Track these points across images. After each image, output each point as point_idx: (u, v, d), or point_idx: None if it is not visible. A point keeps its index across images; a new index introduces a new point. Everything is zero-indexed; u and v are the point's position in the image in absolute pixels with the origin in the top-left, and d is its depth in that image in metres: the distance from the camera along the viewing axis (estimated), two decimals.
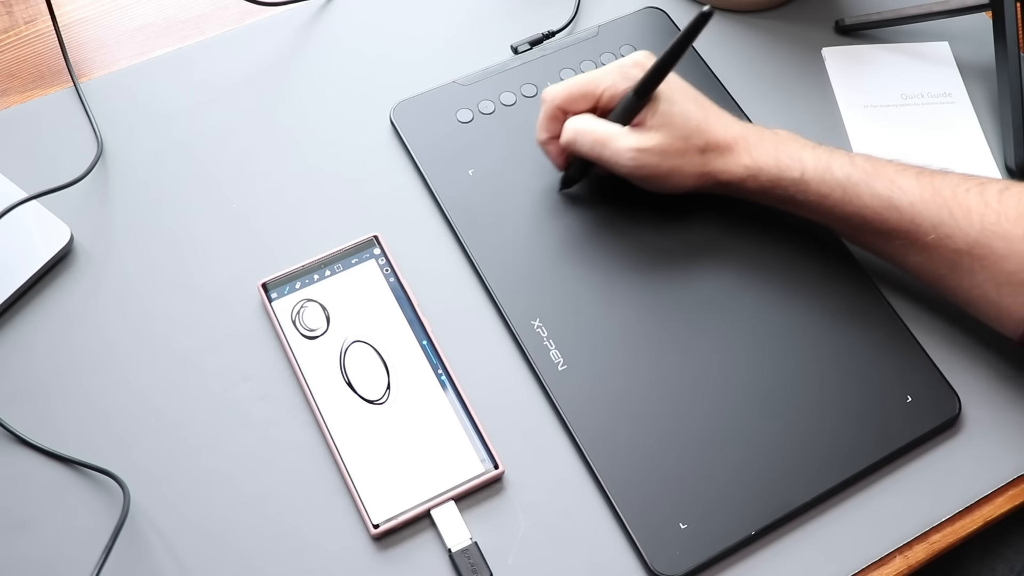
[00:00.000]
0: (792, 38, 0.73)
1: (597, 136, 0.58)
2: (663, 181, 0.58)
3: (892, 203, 0.55)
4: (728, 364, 0.58)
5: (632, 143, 0.57)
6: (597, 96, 0.59)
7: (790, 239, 0.63)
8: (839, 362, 0.59)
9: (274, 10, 0.72)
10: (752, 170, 0.58)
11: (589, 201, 0.64)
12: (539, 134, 0.62)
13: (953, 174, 0.56)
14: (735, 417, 0.56)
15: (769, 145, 0.58)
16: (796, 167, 0.57)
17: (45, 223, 0.61)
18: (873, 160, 0.57)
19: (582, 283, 0.61)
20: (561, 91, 0.60)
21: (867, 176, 0.56)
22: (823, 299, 0.61)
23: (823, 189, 0.57)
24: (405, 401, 0.56)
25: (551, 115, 0.60)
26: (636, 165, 0.57)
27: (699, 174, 0.58)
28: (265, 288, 0.59)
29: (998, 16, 0.67)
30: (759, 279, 0.61)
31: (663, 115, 0.57)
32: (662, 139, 0.57)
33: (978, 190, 0.55)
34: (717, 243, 0.63)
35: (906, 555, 0.54)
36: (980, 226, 0.54)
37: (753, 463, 0.55)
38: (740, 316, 0.60)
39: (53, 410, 0.56)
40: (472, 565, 0.52)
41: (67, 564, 0.52)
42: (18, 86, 0.68)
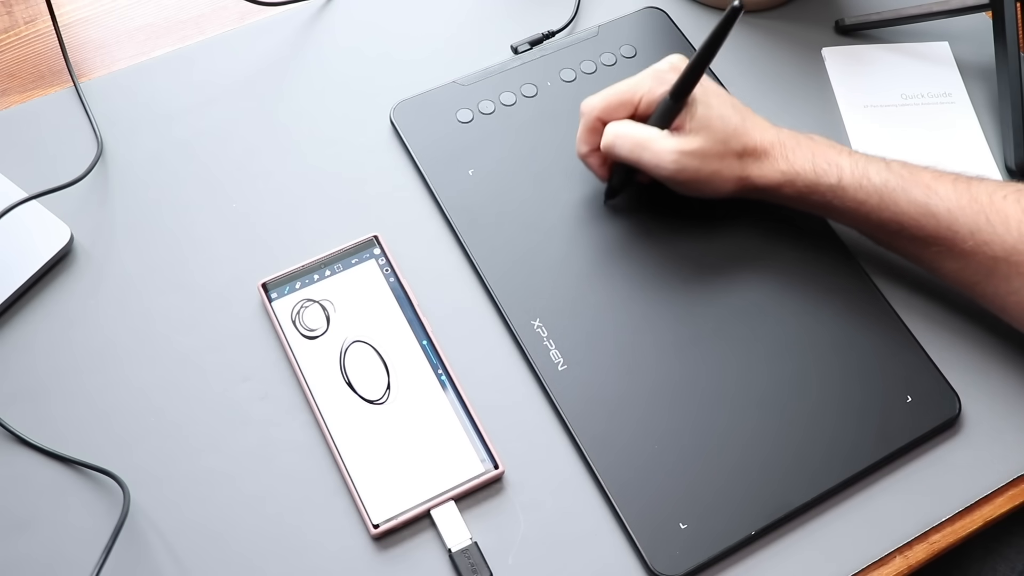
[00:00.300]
0: (792, 38, 0.73)
1: (637, 139, 0.58)
2: (703, 185, 0.58)
3: (929, 209, 0.55)
4: (728, 364, 0.58)
5: (673, 146, 0.57)
6: (635, 103, 0.59)
7: (789, 241, 0.63)
8: (839, 362, 0.59)
9: (274, 10, 0.72)
10: (789, 175, 0.57)
11: (589, 201, 0.64)
12: (579, 147, 0.61)
13: (989, 180, 0.56)
14: (735, 417, 0.56)
15: (806, 150, 0.58)
16: (833, 172, 0.57)
17: (45, 223, 0.61)
18: (910, 166, 0.57)
19: (582, 283, 0.61)
20: (599, 101, 0.59)
21: (904, 182, 0.56)
22: (823, 300, 0.61)
23: (860, 195, 0.57)
24: (405, 401, 0.56)
25: (590, 127, 0.60)
26: (678, 168, 0.57)
27: (737, 178, 0.58)
28: (265, 288, 0.59)
29: (998, 16, 0.67)
30: (758, 280, 0.61)
31: (701, 119, 0.56)
32: (702, 142, 0.57)
33: (1015, 197, 0.55)
34: (716, 245, 0.63)
35: (906, 555, 0.54)
36: (1018, 233, 0.54)
37: (753, 463, 0.55)
38: (740, 316, 0.60)
39: (53, 410, 0.56)
40: (472, 565, 0.52)
41: (67, 564, 0.52)
42: (18, 86, 0.68)
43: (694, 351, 0.58)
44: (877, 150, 0.63)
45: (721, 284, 0.61)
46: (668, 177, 0.58)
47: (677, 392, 0.57)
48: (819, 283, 0.61)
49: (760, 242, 0.63)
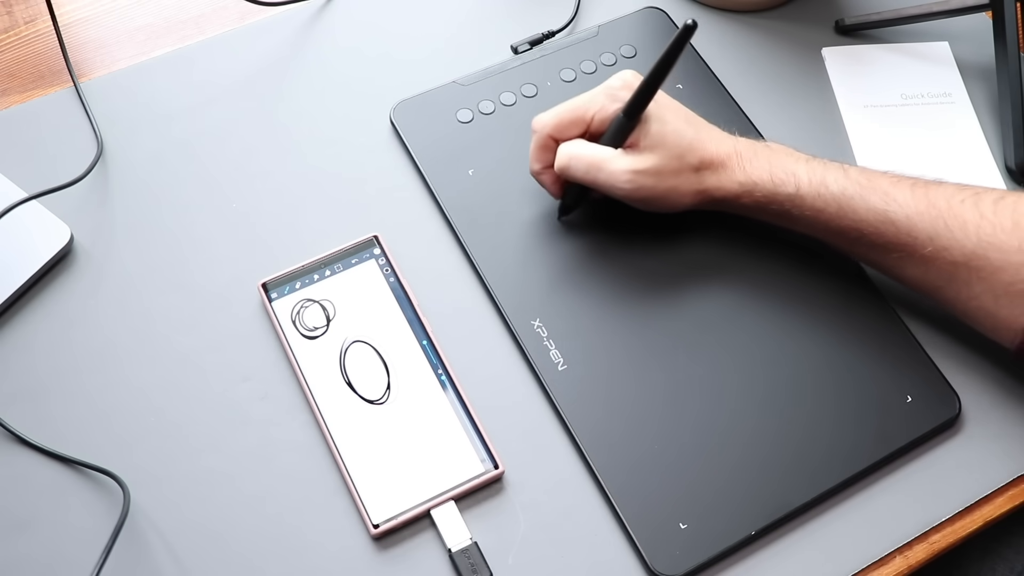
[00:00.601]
0: (792, 38, 0.73)
1: (591, 160, 0.57)
2: (660, 202, 0.58)
3: (888, 216, 0.55)
4: (728, 364, 0.58)
5: (627, 165, 0.57)
6: (587, 121, 0.58)
7: (790, 243, 0.63)
8: (839, 362, 0.59)
9: (274, 10, 0.72)
10: (747, 186, 0.57)
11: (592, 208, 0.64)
12: (532, 164, 0.61)
13: (948, 184, 0.56)
14: (735, 417, 0.56)
15: (763, 160, 0.58)
16: (791, 182, 0.57)
17: (45, 223, 0.61)
18: (868, 172, 0.57)
19: (582, 283, 0.61)
20: (550, 119, 0.59)
21: (862, 189, 0.56)
22: (823, 300, 0.61)
23: (818, 204, 0.56)
24: (405, 401, 0.56)
25: (542, 144, 0.59)
26: (633, 187, 0.57)
27: (695, 192, 0.58)
28: (265, 288, 0.59)
29: (998, 16, 0.67)
30: (760, 281, 0.61)
31: (655, 135, 0.56)
32: (657, 160, 0.56)
33: (973, 201, 0.55)
34: (718, 245, 0.63)
35: (906, 555, 0.54)
36: (976, 238, 0.54)
37: (753, 463, 0.55)
38: (741, 316, 0.60)
39: (53, 410, 0.56)
40: (472, 565, 0.52)
41: (67, 564, 0.52)
42: (18, 86, 0.68)
43: (694, 351, 0.58)
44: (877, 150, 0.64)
45: (721, 283, 0.61)
46: (624, 196, 0.58)
47: (677, 392, 0.57)
48: (819, 283, 0.61)
49: (761, 241, 0.63)
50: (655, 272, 0.61)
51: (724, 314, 0.60)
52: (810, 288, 0.61)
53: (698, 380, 0.58)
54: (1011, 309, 0.53)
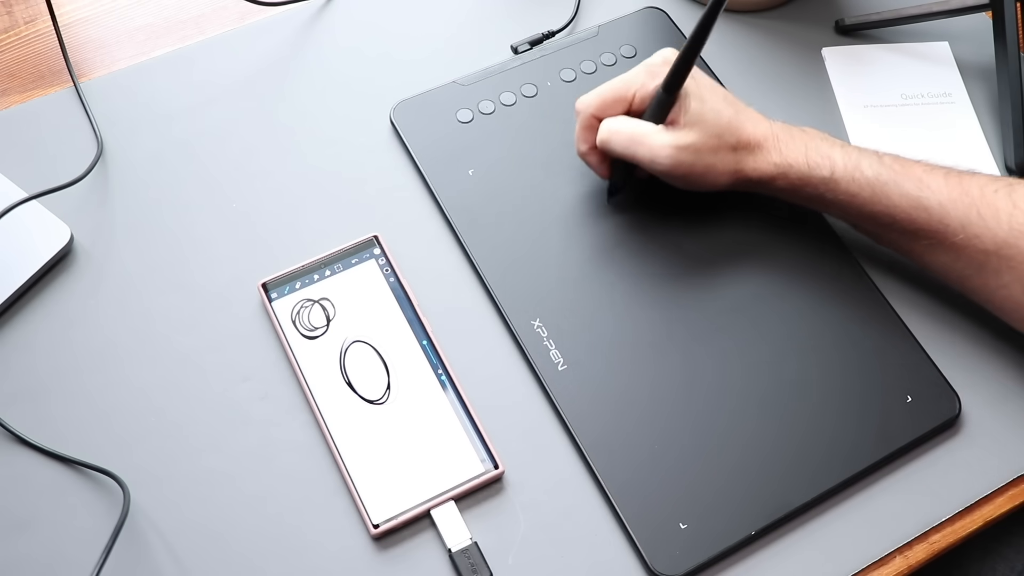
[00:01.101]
0: (792, 38, 0.73)
1: (632, 135, 0.58)
2: (698, 179, 0.58)
3: (921, 203, 0.55)
4: (728, 364, 0.58)
5: (668, 140, 0.57)
6: (629, 99, 0.59)
7: (787, 241, 0.63)
8: (839, 362, 0.59)
9: (274, 10, 0.72)
10: (782, 168, 0.58)
11: (589, 201, 0.64)
12: (578, 145, 0.61)
13: (981, 175, 0.57)
14: (735, 417, 0.56)
15: (799, 143, 0.58)
16: (826, 165, 0.57)
17: (45, 223, 0.61)
18: (902, 159, 0.58)
19: (582, 283, 0.61)
20: (593, 99, 0.59)
21: (896, 175, 0.56)
22: (823, 300, 0.61)
23: (852, 188, 0.57)
24: (405, 401, 0.56)
25: (587, 124, 0.60)
26: (673, 163, 0.57)
27: (732, 171, 0.58)
28: (265, 288, 0.59)
29: (998, 16, 0.67)
30: (757, 280, 0.61)
31: (695, 113, 0.57)
32: (696, 137, 0.57)
33: (1007, 191, 0.55)
34: (717, 247, 0.63)
35: (906, 555, 0.54)
36: (1008, 227, 0.54)
37: (753, 463, 0.55)
38: (740, 316, 0.60)
39: (53, 410, 0.56)
40: (472, 565, 0.52)
41: (67, 564, 0.52)
42: (18, 86, 0.68)
43: (694, 351, 0.58)
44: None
45: (720, 283, 0.61)
46: (664, 172, 0.58)
47: (677, 392, 0.57)
48: (819, 283, 0.61)
49: (758, 242, 0.63)
50: (655, 273, 0.61)
51: (724, 316, 0.60)
52: (810, 289, 0.61)
53: (698, 380, 0.58)
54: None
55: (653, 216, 0.63)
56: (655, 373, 0.58)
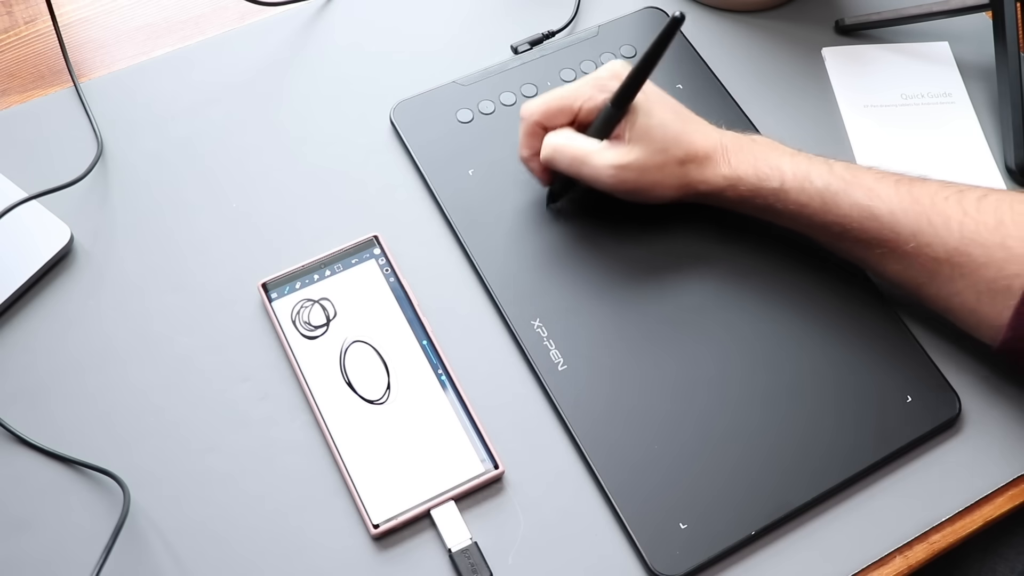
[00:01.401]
0: (792, 38, 0.73)
1: (575, 153, 0.57)
2: (644, 194, 0.58)
3: (871, 212, 0.55)
4: (729, 364, 0.58)
5: (611, 159, 0.57)
6: (575, 111, 0.59)
7: (790, 240, 0.63)
8: (839, 363, 0.59)
9: (274, 10, 0.72)
10: (731, 180, 0.57)
11: (589, 202, 0.64)
12: (520, 151, 0.61)
13: (932, 182, 0.56)
14: (735, 417, 0.56)
15: (748, 154, 0.58)
16: (775, 176, 0.57)
17: (45, 223, 0.61)
18: (852, 168, 0.57)
19: (582, 283, 0.61)
20: (538, 107, 0.59)
21: (846, 185, 0.56)
22: (823, 299, 0.61)
23: (802, 198, 0.56)
24: (405, 401, 0.56)
25: (530, 131, 0.60)
26: (616, 182, 0.57)
27: (679, 185, 0.58)
28: (265, 288, 0.59)
29: (998, 16, 0.67)
30: (760, 280, 0.61)
31: (641, 128, 0.56)
32: (640, 154, 0.56)
33: (957, 198, 0.55)
34: (717, 244, 0.63)
35: (906, 555, 0.54)
36: (959, 234, 0.53)
37: (753, 463, 0.55)
38: (740, 316, 0.60)
39: (53, 410, 0.56)
40: (472, 565, 0.52)
41: (67, 564, 0.52)
42: (18, 86, 0.68)
43: (695, 351, 0.58)
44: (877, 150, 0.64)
45: (720, 283, 0.61)
46: (607, 190, 0.58)
47: (678, 392, 0.57)
48: (819, 284, 0.61)
49: (759, 243, 0.63)
50: (656, 273, 0.61)
51: (724, 315, 0.60)
52: (810, 288, 0.61)
53: (699, 380, 0.58)
54: (993, 306, 0.53)
55: (653, 216, 0.63)
56: (655, 373, 0.58)
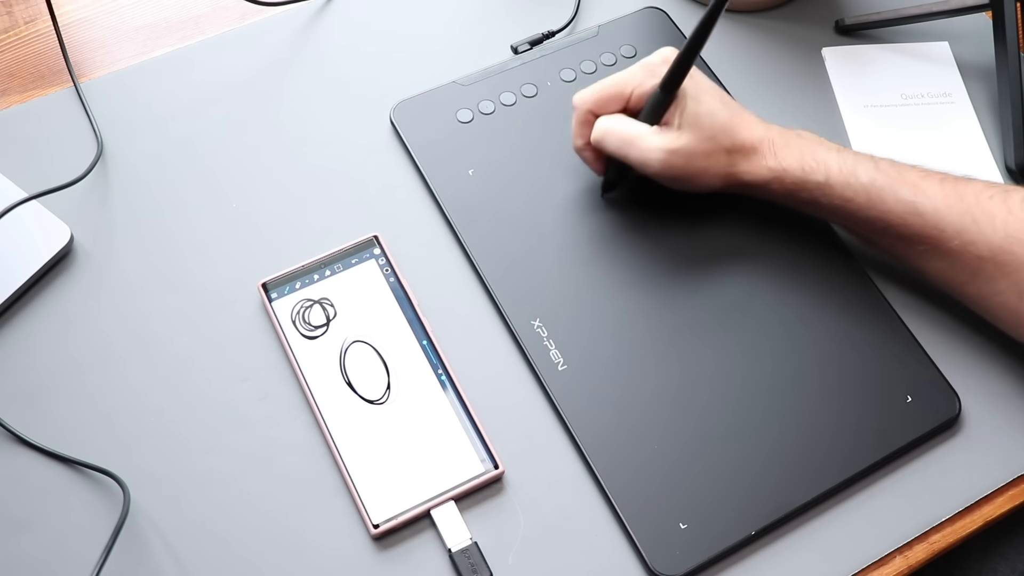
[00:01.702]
0: (792, 38, 0.73)
1: (624, 136, 0.58)
2: (690, 182, 0.58)
3: (916, 208, 0.55)
4: (728, 364, 0.58)
5: (660, 143, 0.57)
6: (627, 97, 0.59)
7: (788, 240, 0.63)
8: (839, 362, 0.59)
9: (274, 10, 0.72)
10: (777, 172, 0.58)
11: (589, 201, 0.64)
12: (574, 140, 0.61)
13: (977, 181, 0.56)
14: (735, 417, 0.56)
15: (794, 148, 0.58)
16: (821, 170, 0.57)
17: (45, 223, 0.61)
18: (898, 165, 0.57)
19: (582, 283, 0.61)
20: (591, 95, 0.60)
21: (892, 181, 0.56)
22: (823, 300, 0.61)
23: (847, 193, 0.57)
24: (405, 401, 0.56)
25: (583, 120, 0.60)
26: (664, 166, 0.57)
27: (725, 175, 0.58)
28: (265, 288, 0.59)
29: (998, 16, 0.67)
30: (758, 280, 0.61)
31: (690, 115, 0.56)
32: (689, 140, 0.57)
33: (1002, 197, 0.55)
34: (718, 245, 0.63)
35: (906, 555, 0.54)
36: (1003, 233, 0.54)
37: (753, 463, 0.55)
38: (740, 316, 0.60)
39: (53, 410, 0.56)
40: (472, 565, 0.52)
41: (67, 564, 0.52)
42: (18, 86, 0.68)
43: (695, 351, 0.58)
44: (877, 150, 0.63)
45: (720, 283, 0.61)
46: (654, 174, 0.58)
47: (677, 392, 0.57)
48: (819, 283, 0.61)
49: (758, 240, 0.63)
50: (656, 273, 0.61)
51: (724, 316, 0.60)
52: (810, 289, 0.61)
53: (699, 379, 0.58)
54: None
55: (653, 216, 0.63)
56: (655, 373, 0.58)
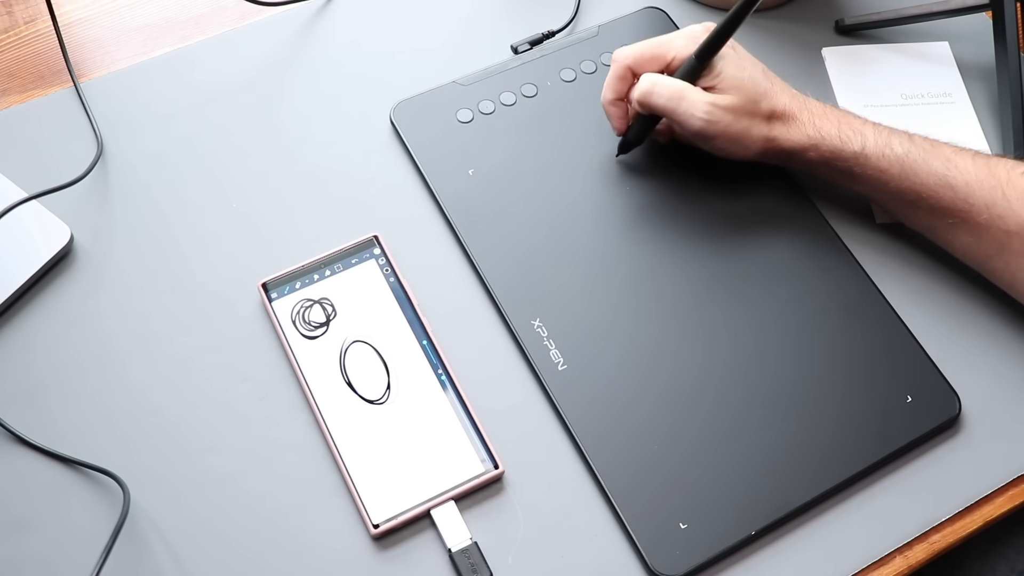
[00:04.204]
0: (792, 38, 0.73)
1: (675, 89, 0.59)
2: (731, 144, 0.60)
3: (947, 181, 0.57)
4: (728, 364, 0.58)
5: (708, 98, 0.58)
6: (668, 60, 0.60)
7: (789, 240, 0.63)
8: (839, 362, 0.59)
9: (274, 10, 0.72)
10: (815, 140, 0.59)
11: (589, 200, 0.64)
12: (605, 94, 0.63)
13: (1009, 159, 0.58)
14: (735, 417, 0.56)
15: (832, 118, 0.60)
16: (857, 140, 0.59)
17: (45, 223, 0.61)
18: (931, 140, 0.59)
19: (582, 283, 0.61)
20: (633, 52, 0.61)
21: (925, 154, 0.58)
22: (823, 300, 0.61)
23: (882, 164, 0.58)
24: (405, 401, 0.56)
25: (620, 75, 0.61)
26: (710, 119, 0.58)
27: (764, 139, 0.59)
28: (265, 288, 0.59)
29: (998, 16, 0.67)
30: (758, 281, 0.61)
31: (733, 78, 0.58)
32: (734, 99, 0.58)
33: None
34: (718, 245, 0.63)
35: (906, 555, 0.54)
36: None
37: (753, 463, 0.55)
38: (740, 316, 0.60)
39: (53, 410, 0.56)
40: (472, 565, 0.52)
41: (67, 564, 0.52)
42: (18, 86, 0.68)
43: (694, 350, 0.58)
44: None
45: (719, 284, 0.61)
46: (699, 129, 0.59)
47: (678, 392, 0.57)
48: (820, 285, 0.61)
49: (758, 241, 0.63)
50: (655, 273, 0.61)
51: (723, 315, 0.60)
52: (810, 289, 0.61)
53: (699, 379, 0.58)
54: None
55: (653, 216, 0.63)
56: (656, 373, 0.58)
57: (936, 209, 0.58)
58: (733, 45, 0.59)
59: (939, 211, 0.58)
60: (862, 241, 0.63)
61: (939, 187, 0.57)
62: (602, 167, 0.65)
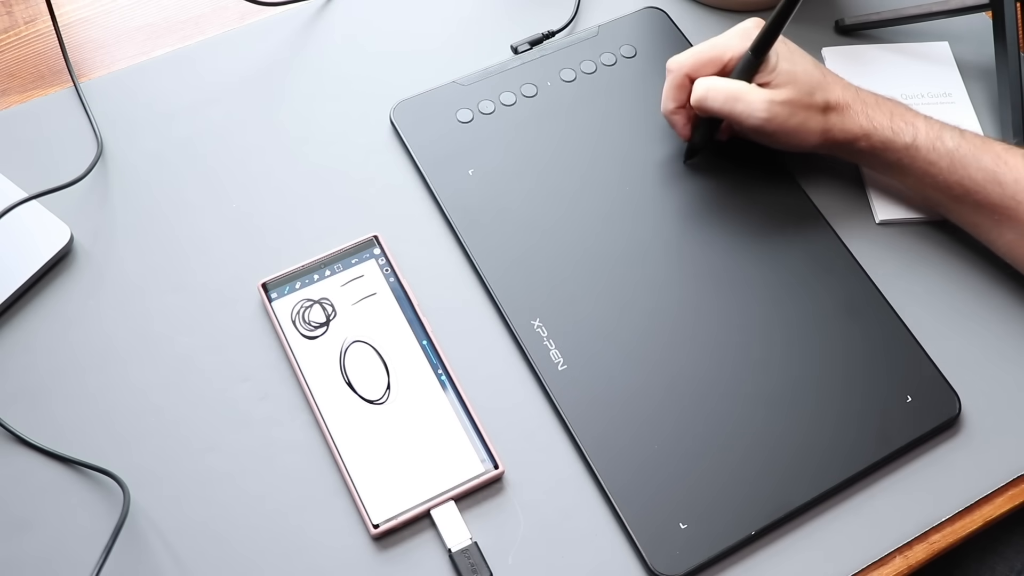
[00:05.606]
0: (792, 38, 0.72)
1: (730, 91, 0.59)
2: (789, 137, 0.60)
3: (997, 177, 0.57)
4: (728, 364, 0.58)
5: (766, 95, 0.59)
6: (724, 62, 0.61)
7: (788, 240, 0.63)
8: (839, 362, 0.59)
9: (274, 10, 0.72)
10: (867, 130, 0.59)
11: (589, 200, 0.64)
12: (665, 104, 0.63)
13: None
14: (735, 417, 0.56)
15: (885, 109, 0.60)
16: (909, 132, 0.59)
17: (45, 223, 0.61)
18: (982, 137, 0.60)
19: (582, 283, 0.61)
20: (688, 59, 0.61)
21: (975, 149, 0.58)
22: (823, 300, 0.61)
23: (932, 156, 0.58)
24: (405, 401, 0.56)
25: (678, 83, 0.62)
26: (769, 116, 0.58)
27: (822, 130, 0.60)
28: (265, 288, 0.59)
29: (998, 16, 0.67)
30: (758, 281, 0.61)
31: (787, 73, 0.59)
32: (790, 93, 0.59)
33: None
34: (717, 244, 0.63)
35: (906, 555, 0.54)
36: None
37: (753, 463, 0.55)
38: (740, 316, 0.60)
39: (53, 410, 0.56)
40: (472, 565, 0.52)
41: (67, 564, 0.52)
42: (18, 86, 0.68)
43: (695, 351, 0.58)
44: None
45: (720, 285, 0.61)
46: (758, 126, 0.59)
47: (678, 392, 0.57)
48: (819, 284, 0.61)
49: (758, 243, 0.63)
50: (655, 273, 0.61)
51: (723, 316, 0.60)
52: (811, 289, 0.61)
53: (699, 380, 0.58)
54: None
55: (653, 217, 0.63)
56: (656, 373, 0.58)
57: (983, 205, 0.58)
58: (783, 40, 0.59)
59: (986, 207, 0.58)
60: (862, 241, 0.63)
61: (988, 183, 0.57)
62: (602, 167, 0.65)
